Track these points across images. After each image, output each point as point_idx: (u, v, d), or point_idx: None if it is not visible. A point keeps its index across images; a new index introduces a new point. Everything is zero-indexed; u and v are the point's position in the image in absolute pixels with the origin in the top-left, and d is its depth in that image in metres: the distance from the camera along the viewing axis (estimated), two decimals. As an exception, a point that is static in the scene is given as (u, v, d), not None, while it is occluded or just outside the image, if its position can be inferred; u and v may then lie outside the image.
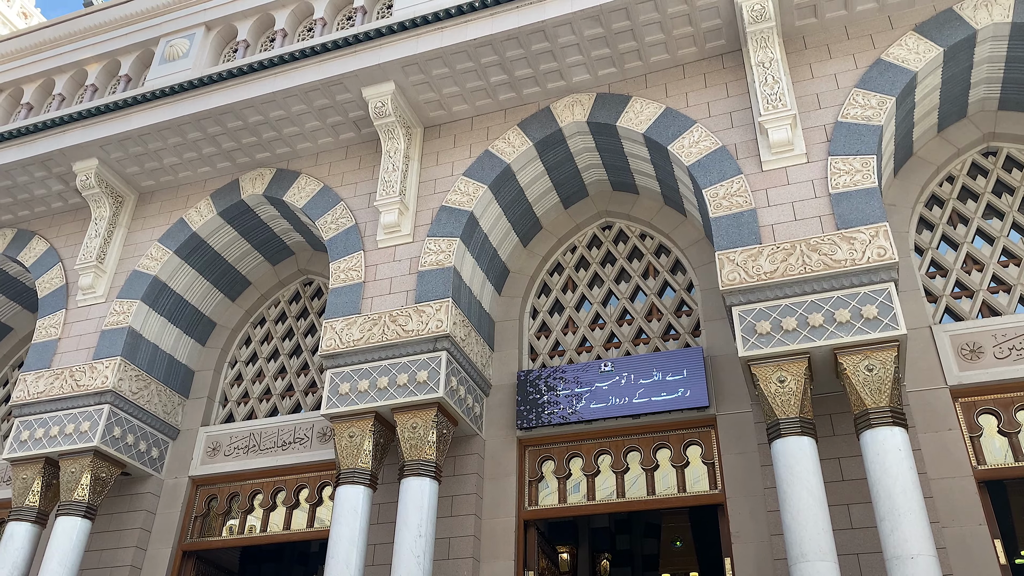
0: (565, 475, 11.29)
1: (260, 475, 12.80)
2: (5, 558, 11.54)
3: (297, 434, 12.79)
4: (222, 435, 13.28)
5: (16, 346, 16.21)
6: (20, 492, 12.07)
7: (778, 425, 8.75)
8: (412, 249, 11.66)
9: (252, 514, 12.72)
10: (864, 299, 8.89)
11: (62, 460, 12.03)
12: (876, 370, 8.61)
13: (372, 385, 10.71)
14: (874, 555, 8.93)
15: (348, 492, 10.33)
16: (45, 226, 14.84)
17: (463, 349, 11.07)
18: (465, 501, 11.07)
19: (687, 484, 10.68)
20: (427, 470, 10.22)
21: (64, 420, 12.22)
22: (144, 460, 12.75)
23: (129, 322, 12.80)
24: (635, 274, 12.60)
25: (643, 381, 11.13)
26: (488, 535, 10.98)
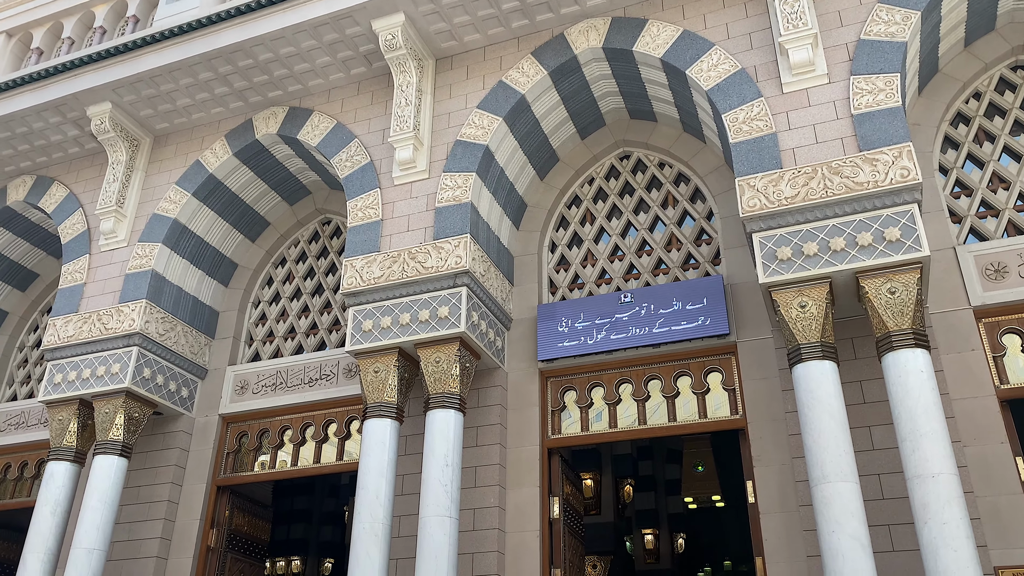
0: (587, 404, 11.44)
1: (288, 411, 13.08)
2: (47, 496, 11.96)
3: (323, 371, 13.01)
4: (249, 374, 13.54)
5: (43, 292, 16.47)
6: (57, 433, 12.44)
7: (799, 350, 8.77)
8: (428, 185, 11.61)
9: (282, 449, 13.05)
10: (887, 221, 8.78)
11: (95, 401, 12.35)
12: (898, 293, 8.56)
13: (394, 322, 10.82)
14: (895, 475, 9.03)
15: (375, 425, 10.55)
16: (63, 172, 14.91)
17: (483, 284, 11.12)
18: (490, 431, 11.27)
19: (708, 410, 10.79)
20: (452, 402, 10.39)
21: (95, 363, 12.50)
22: (175, 399, 13.05)
23: (152, 265, 12.95)
24: (654, 204, 12.50)
25: (663, 311, 11.15)
26: (513, 463, 11.21)
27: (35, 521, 11.83)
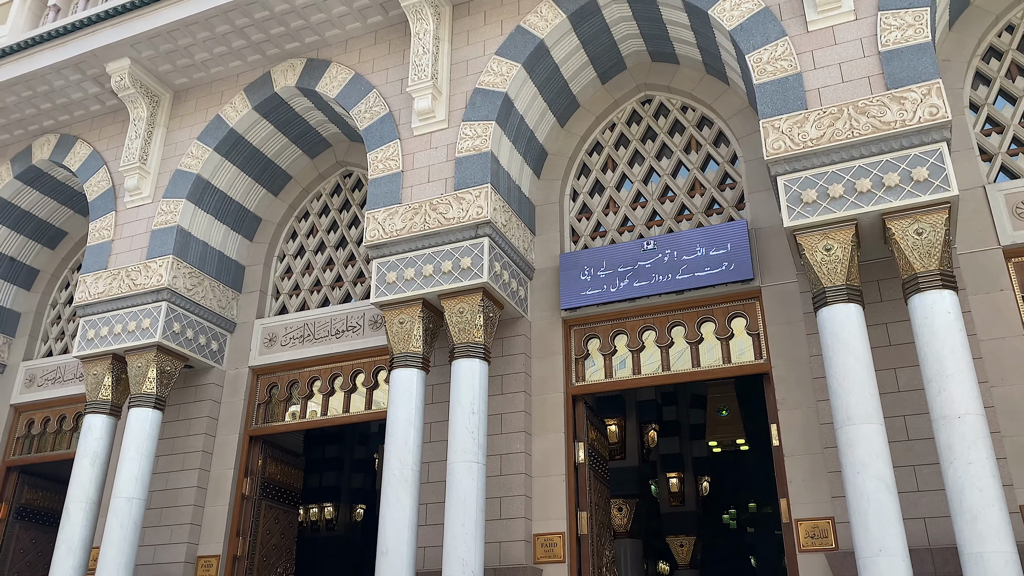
0: (610, 352, 11.50)
1: (317, 363, 13.29)
2: (86, 448, 12.33)
3: (349, 322, 13.16)
4: (277, 326, 13.73)
5: (72, 250, 16.71)
6: (92, 387, 12.76)
7: (824, 294, 8.72)
8: (448, 135, 11.54)
9: (312, 399, 13.30)
10: (914, 161, 8.62)
11: (128, 356, 12.62)
12: (926, 234, 8.45)
13: (418, 273, 10.88)
14: (921, 416, 9.04)
15: (402, 375, 10.71)
16: (86, 130, 14.99)
17: (505, 234, 11.12)
18: (514, 379, 11.39)
19: (732, 355, 10.81)
20: (476, 352, 10.49)
21: (126, 318, 12.74)
22: (205, 353, 13.30)
23: (177, 221, 13.08)
24: (677, 149, 12.35)
25: (686, 257, 11.10)
26: (538, 410, 11.35)
27: (75, 472, 12.22)
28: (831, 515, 9.30)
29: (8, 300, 16.04)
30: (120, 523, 11.54)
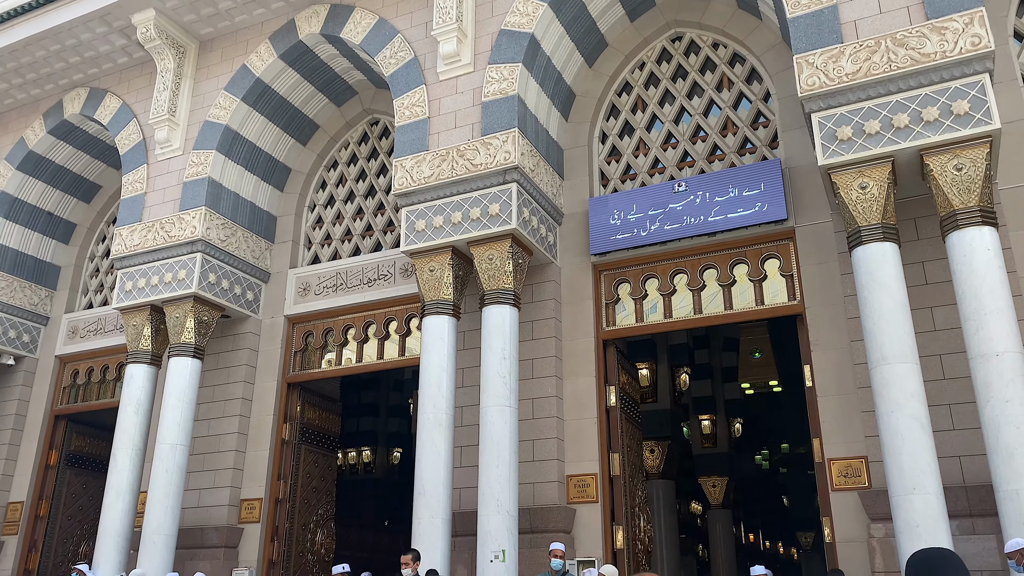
0: (641, 296, 11.46)
1: (350, 311, 13.45)
2: (129, 397, 12.68)
3: (380, 271, 13.25)
4: (310, 276, 13.88)
5: (107, 203, 16.95)
6: (133, 338, 13.06)
7: (859, 233, 8.57)
8: (474, 79, 11.40)
9: (347, 347, 13.49)
10: (954, 94, 8.35)
11: (166, 307, 12.87)
12: (965, 169, 8.22)
13: (447, 220, 10.88)
14: (957, 355, 8.93)
15: (434, 322, 10.80)
16: (115, 83, 15.04)
17: (533, 180, 11.03)
18: (545, 325, 11.43)
19: (765, 297, 10.72)
20: (506, 298, 10.53)
21: (162, 270, 12.95)
22: (240, 303, 13.51)
23: (208, 172, 13.16)
24: (708, 87, 12.09)
25: (719, 198, 10.95)
26: (569, 355, 11.40)
27: (120, 420, 12.60)
28: (864, 454, 9.29)
29: (48, 254, 16.38)
30: (165, 468, 11.92)
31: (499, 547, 9.41)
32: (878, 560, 8.72)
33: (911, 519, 7.55)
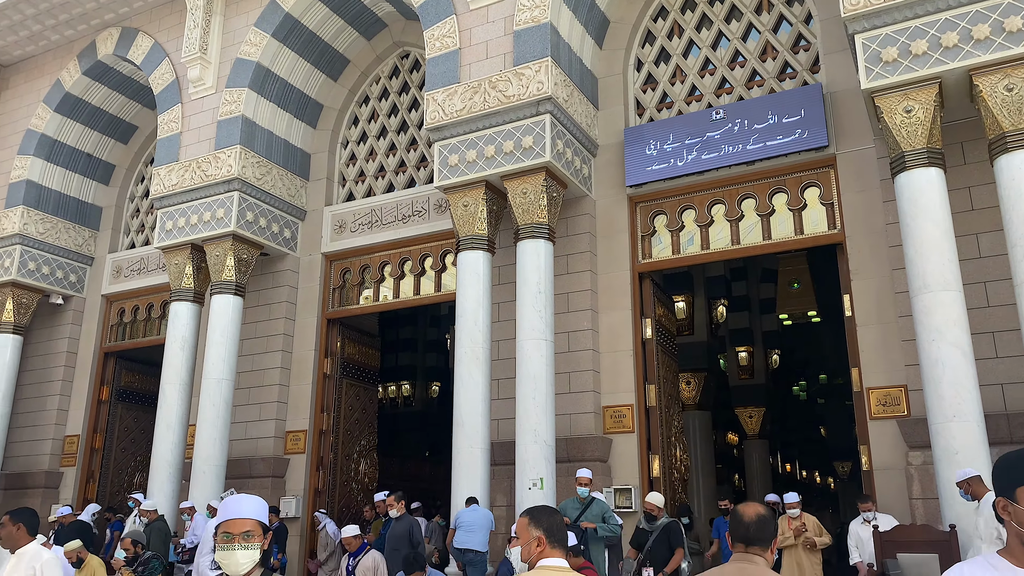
0: (678, 228, 11.35)
1: (385, 248, 13.54)
2: (175, 334, 13.02)
3: (415, 207, 13.27)
4: (345, 213, 13.95)
5: (144, 143, 17.10)
6: (176, 276, 13.33)
7: (903, 158, 8.33)
8: (505, 7, 11.15)
9: (383, 284, 13.63)
10: (1008, 9, 7.97)
11: (206, 245, 13.07)
12: (1017, 89, 7.90)
13: (480, 155, 10.80)
14: (1002, 282, 8.75)
15: (468, 258, 10.83)
16: (146, 22, 15.01)
17: (566, 110, 10.86)
18: (580, 259, 11.40)
19: (804, 226, 10.55)
20: (541, 232, 10.49)
21: (201, 209, 13.12)
22: (278, 240, 13.67)
23: (241, 110, 13.17)
24: (747, 9, 11.68)
25: (757, 126, 10.69)
26: (604, 289, 11.39)
27: (167, 356, 12.97)
28: (903, 383, 9.23)
29: (89, 195, 16.65)
30: (212, 402, 12.29)
31: (537, 475, 9.61)
32: (915, 487, 8.74)
33: (950, 446, 7.53)
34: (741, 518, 2.83)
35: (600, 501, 8.52)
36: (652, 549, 6.47)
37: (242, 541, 2.76)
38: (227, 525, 2.80)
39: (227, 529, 2.78)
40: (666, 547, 6.70)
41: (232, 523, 2.80)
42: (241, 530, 2.78)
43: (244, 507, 2.84)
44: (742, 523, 2.82)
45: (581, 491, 8.63)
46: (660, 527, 6.53)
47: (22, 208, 15.41)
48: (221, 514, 2.84)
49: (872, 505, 8.24)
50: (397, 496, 7.96)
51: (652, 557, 6.61)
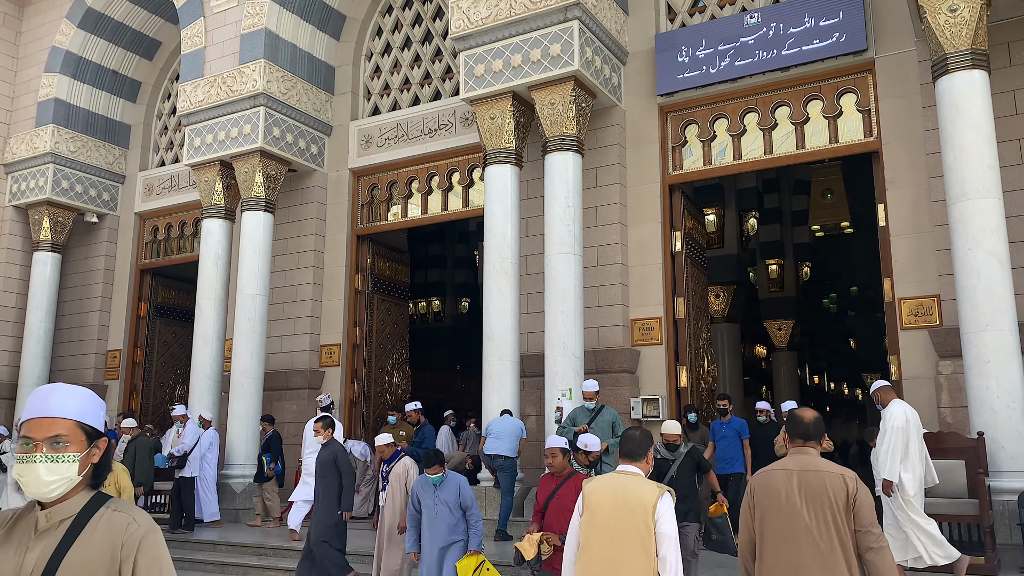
0: (709, 138, 11.13)
1: (412, 163, 13.47)
2: (208, 250, 13.21)
3: (441, 121, 13.12)
4: (371, 127, 13.85)
5: (169, 59, 16.95)
6: (206, 193, 13.44)
7: (945, 61, 8.02)
8: (532, -92, 10.70)
9: (411, 200, 13.62)
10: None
11: (235, 162, 13.10)
12: (1071, -15, 7.50)
13: (506, 64, 10.57)
14: (1043, 190, 8.52)
15: (496, 171, 10.75)
16: (163, -67, 14.67)
17: (596, 16, 10.54)
18: (609, 171, 11.27)
19: (840, 134, 10.28)
20: (569, 144, 10.35)
21: (228, 125, 13.09)
22: (306, 156, 13.65)
23: (264, 23, 12.97)
24: (784, -95, 11.11)
25: (793, 30, 10.32)
26: (633, 201, 11.29)
27: (201, 272, 13.20)
28: (936, 293, 9.15)
29: (117, 113, 16.66)
30: (247, 317, 12.55)
31: (565, 386, 9.77)
32: (944, 396, 8.77)
33: (982, 355, 7.51)
34: (800, 419, 3.52)
35: (609, 409, 8.66)
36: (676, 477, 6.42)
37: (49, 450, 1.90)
38: (28, 427, 1.94)
39: (28, 433, 1.93)
40: (690, 474, 6.53)
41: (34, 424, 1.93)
42: (47, 435, 1.91)
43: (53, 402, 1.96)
44: (801, 423, 3.51)
45: (588, 405, 8.76)
46: (682, 454, 6.49)
47: (52, 127, 15.49)
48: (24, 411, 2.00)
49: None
50: (324, 423, 7.68)
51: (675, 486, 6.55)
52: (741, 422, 9.60)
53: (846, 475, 3.36)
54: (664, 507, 3.55)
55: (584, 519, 3.66)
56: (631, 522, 3.52)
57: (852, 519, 3.29)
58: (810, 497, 3.32)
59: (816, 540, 3.27)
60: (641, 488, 3.57)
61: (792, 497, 3.35)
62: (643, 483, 3.60)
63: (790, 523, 3.33)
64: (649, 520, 3.51)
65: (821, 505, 3.29)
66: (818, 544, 3.27)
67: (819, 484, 3.33)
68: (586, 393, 8.79)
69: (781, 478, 3.43)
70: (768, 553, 3.39)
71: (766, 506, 3.43)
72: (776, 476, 3.45)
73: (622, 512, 3.55)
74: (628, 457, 3.75)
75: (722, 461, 9.39)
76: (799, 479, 3.38)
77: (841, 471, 3.38)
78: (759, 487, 3.49)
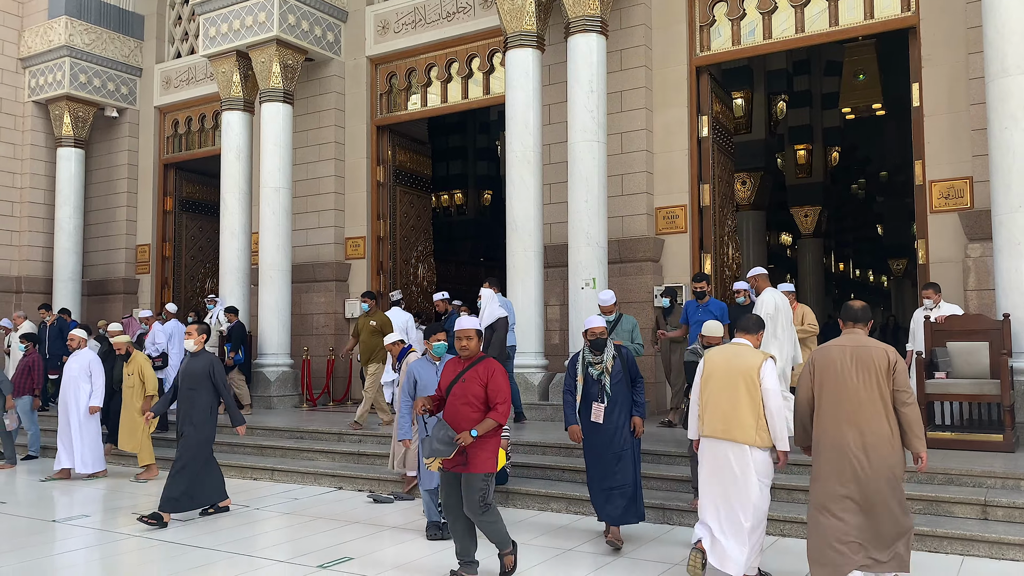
0: (739, 16, 10.69)
1: (431, 48, 13.13)
2: (229, 143, 13.16)
3: (459, 3, 12.70)
4: (388, 12, 13.45)
5: (177, -54, 16.40)
6: (224, 85, 13.26)
7: (993, -74, 7.56)
8: None
9: (430, 88, 13.36)
10: None
11: (251, 52, 12.85)
12: None
13: (526, -61, 10.10)
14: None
15: (517, 56, 10.48)
16: None
17: None
18: (634, 54, 10.94)
19: (875, 10, 9.83)
20: (593, 25, 10.02)
21: (242, 13, 12.77)
22: (322, 44, 13.35)
23: (273, -97, 12.43)
24: None
25: None
26: (659, 85, 11.00)
27: (224, 166, 13.20)
28: (968, 175, 8.95)
29: (130, 3, 16.28)
30: (272, 210, 12.62)
31: (589, 276, 9.82)
32: (971, 279, 8.72)
33: (1013, 236, 7.41)
34: (851, 307, 4.61)
35: (628, 317, 8.30)
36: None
37: None
38: None
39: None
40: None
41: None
42: None
43: None
44: (852, 309, 4.60)
45: (607, 318, 8.10)
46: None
47: (65, 19, 15.21)
48: None
49: (933, 293, 8.07)
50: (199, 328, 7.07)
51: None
52: (721, 306, 8.75)
53: (888, 349, 4.37)
54: (767, 368, 4.79)
55: (703, 379, 4.96)
56: (742, 379, 4.75)
57: (891, 382, 4.29)
58: (859, 365, 4.34)
59: (863, 396, 4.30)
60: (750, 354, 4.88)
61: (846, 365, 4.37)
62: (751, 351, 4.93)
63: (843, 384, 4.36)
64: (755, 377, 4.75)
65: (868, 371, 4.32)
66: (864, 398, 4.30)
67: (867, 356, 4.35)
68: (603, 307, 8.30)
69: (836, 352, 4.47)
70: (825, 406, 4.43)
71: (824, 373, 4.43)
72: (832, 350, 4.49)
73: (734, 372, 4.80)
74: (743, 331, 5.09)
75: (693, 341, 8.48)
76: (851, 352, 4.39)
77: (884, 346, 4.39)
78: (819, 359, 4.49)
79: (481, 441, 4.92)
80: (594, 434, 5.87)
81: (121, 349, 9.17)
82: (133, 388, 9.02)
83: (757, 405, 4.69)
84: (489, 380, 5.02)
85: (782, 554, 5.61)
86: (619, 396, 5.85)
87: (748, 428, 4.68)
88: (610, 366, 5.84)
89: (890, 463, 4.26)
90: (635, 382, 5.95)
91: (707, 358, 5.00)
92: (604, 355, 5.87)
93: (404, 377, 6.36)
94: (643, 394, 6.00)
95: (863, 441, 4.26)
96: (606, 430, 5.82)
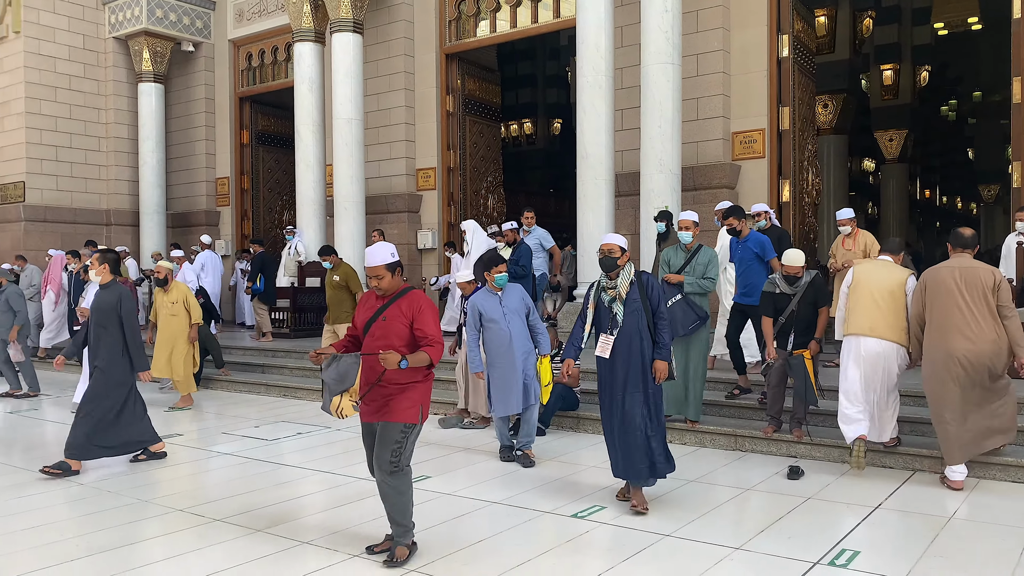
0: (824, -74, 10.09)
1: (500, -28, 12.85)
2: (301, 75, 13.28)
3: (528, -76, 12.33)
4: (455, -64, 13.18)
5: None
6: (295, 16, 13.31)
7: None
8: None
9: (499, 13, 13.11)
10: None
11: (321, -18, 12.82)
12: None
13: None
14: None
15: (589, -25, 10.16)
16: None
17: None
18: (711, -30, 10.48)
19: (976, -85, 9.14)
20: (668, -59, 9.60)
21: (310, -59, 12.70)
22: (390, -28, 13.20)
23: None
24: None
25: None
26: (738, 3, 10.57)
27: (297, 98, 13.34)
28: (1073, 93, 8.39)
29: (201, -64, 16.38)
30: (344, 142, 12.75)
31: (662, 204, 9.66)
32: (1070, 205, 8.26)
33: (1118, 159, 6.95)
34: (961, 234, 5.43)
35: (708, 249, 6.90)
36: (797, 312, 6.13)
37: None
38: None
39: None
40: (810, 307, 6.11)
41: None
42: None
43: None
44: (962, 236, 5.41)
45: (683, 236, 6.89)
46: (804, 286, 6.13)
47: (139, -46, 15.41)
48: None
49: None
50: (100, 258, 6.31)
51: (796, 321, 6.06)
52: (761, 239, 7.39)
53: (993, 270, 5.19)
54: (911, 283, 5.63)
55: (852, 287, 5.77)
56: (888, 290, 5.62)
57: (996, 298, 5.12)
58: (967, 284, 5.19)
59: (972, 310, 5.15)
60: (895, 269, 5.81)
61: (956, 283, 5.19)
62: (896, 267, 5.84)
63: (953, 300, 5.21)
64: (899, 291, 5.63)
65: (975, 289, 5.17)
66: (972, 312, 5.14)
67: (974, 275, 5.20)
68: (683, 222, 6.94)
69: (946, 272, 5.30)
70: (935, 318, 5.28)
71: (936, 291, 5.26)
72: (943, 271, 5.33)
73: (883, 284, 5.65)
74: (888, 251, 5.99)
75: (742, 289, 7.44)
76: (959, 272, 5.23)
77: (990, 268, 5.22)
78: (931, 279, 5.33)
79: (405, 387, 4.06)
80: (603, 371, 5.09)
81: (161, 274, 8.98)
82: (176, 316, 8.89)
83: (900, 310, 5.59)
84: (416, 316, 4.07)
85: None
86: (631, 328, 4.95)
87: (892, 328, 5.56)
88: (624, 292, 4.99)
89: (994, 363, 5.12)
90: (657, 316, 4.99)
91: (856, 270, 5.82)
92: (618, 280, 5.03)
93: (469, 312, 6.31)
94: (667, 333, 5.02)
95: (969, 348, 5.11)
96: (613, 366, 5.01)
